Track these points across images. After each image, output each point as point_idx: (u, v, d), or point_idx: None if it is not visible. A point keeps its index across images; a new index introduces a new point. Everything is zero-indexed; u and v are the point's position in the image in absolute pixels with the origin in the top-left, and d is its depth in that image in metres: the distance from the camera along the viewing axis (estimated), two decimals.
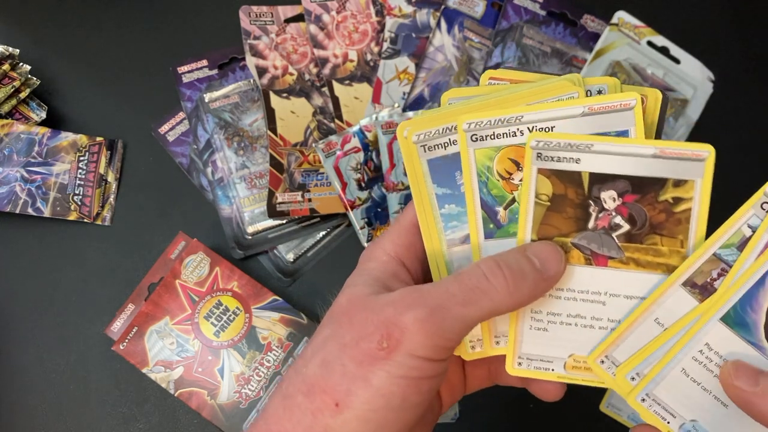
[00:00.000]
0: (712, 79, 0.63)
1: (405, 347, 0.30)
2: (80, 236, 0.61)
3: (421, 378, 0.30)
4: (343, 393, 0.30)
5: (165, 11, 0.66)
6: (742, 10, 0.67)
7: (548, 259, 0.33)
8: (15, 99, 0.60)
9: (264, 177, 0.60)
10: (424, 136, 0.35)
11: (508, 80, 0.37)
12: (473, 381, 0.39)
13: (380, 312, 0.31)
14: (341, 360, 0.30)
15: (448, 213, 0.35)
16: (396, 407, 0.30)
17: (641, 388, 0.33)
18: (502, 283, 0.31)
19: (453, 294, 0.31)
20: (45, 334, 0.59)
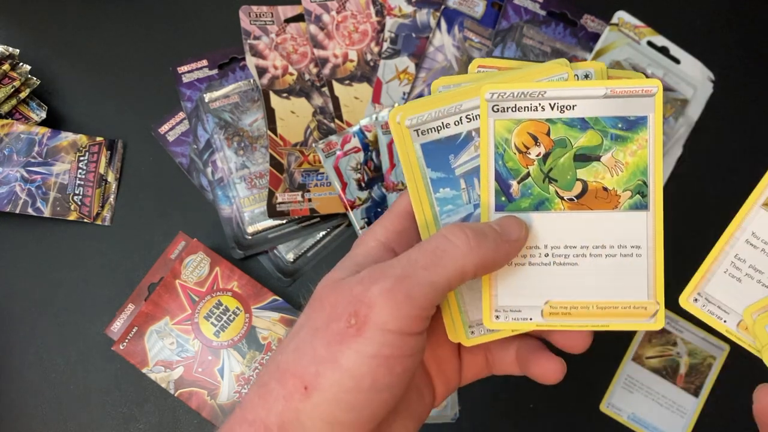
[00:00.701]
0: (712, 79, 0.63)
1: (374, 322, 0.29)
2: (80, 236, 0.61)
3: (392, 356, 0.29)
4: (312, 375, 0.29)
5: (165, 11, 0.66)
6: (742, 10, 0.67)
7: (509, 225, 0.33)
8: (15, 99, 0.60)
9: (264, 177, 0.60)
10: (417, 120, 0.35)
11: (497, 68, 0.37)
12: (470, 369, 0.38)
13: (348, 292, 0.30)
14: (312, 343, 0.30)
15: (443, 197, 0.35)
16: (366, 388, 0.29)
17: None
18: (462, 239, 0.31)
19: (415, 260, 0.31)
20: (45, 334, 0.59)
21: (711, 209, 0.55)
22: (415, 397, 0.36)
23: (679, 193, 0.59)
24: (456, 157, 0.35)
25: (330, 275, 0.33)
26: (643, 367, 0.59)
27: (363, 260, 0.34)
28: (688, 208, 0.59)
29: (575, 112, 0.34)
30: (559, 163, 0.34)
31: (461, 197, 0.35)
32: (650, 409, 0.58)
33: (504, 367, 0.38)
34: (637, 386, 0.59)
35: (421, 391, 0.36)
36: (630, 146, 0.34)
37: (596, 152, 0.34)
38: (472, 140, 0.35)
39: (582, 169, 0.34)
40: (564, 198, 0.35)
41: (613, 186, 0.34)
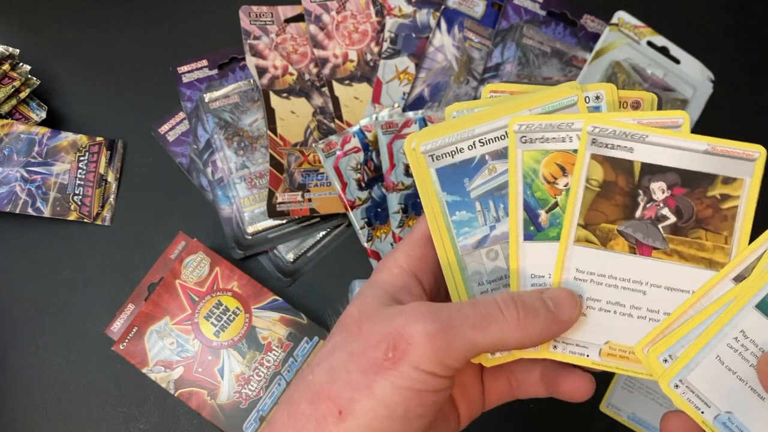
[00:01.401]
0: (712, 79, 0.63)
1: (410, 359, 0.30)
2: (80, 236, 0.61)
3: (425, 391, 0.30)
4: (347, 401, 0.30)
5: (165, 11, 0.66)
6: (742, 10, 0.67)
7: (563, 304, 0.33)
8: (15, 99, 0.60)
9: (264, 177, 0.60)
10: (431, 145, 0.36)
11: (509, 92, 0.38)
12: (493, 394, 0.39)
13: (389, 322, 0.31)
14: (347, 368, 0.30)
15: (459, 219, 0.36)
16: (399, 417, 0.30)
17: (674, 373, 0.33)
18: (513, 315, 0.31)
19: (465, 316, 0.31)
20: (45, 334, 0.59)
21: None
22: (440, 421, 0.36)
23: None
24: (471, 180, 0.36)
25: (365, 301, 0.33)
26: None
27: (391, 288, 0.34)
28: None
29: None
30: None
31: (477, 219, 0.36)
32: (650, 409, 0.58)
33: (529, 389, 0.38)
34: (637, 386, 0.59)
35: (446, 416, 0.37)
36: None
37: None
38: (486, 164, 0.36)
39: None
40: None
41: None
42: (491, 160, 0.36)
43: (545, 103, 0.35)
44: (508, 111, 0.36)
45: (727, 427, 0.32)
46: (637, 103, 0.37)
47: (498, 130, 0.36)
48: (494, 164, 0.36)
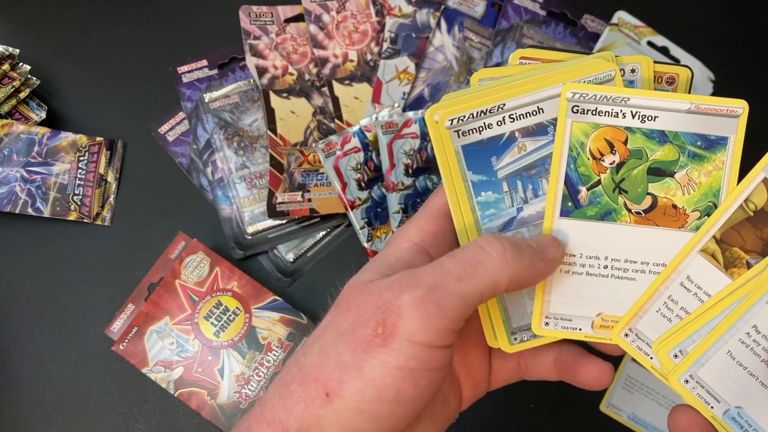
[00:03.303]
0: (712, 79, 0.63)
1: (402, 332, 0.28)
2: (80, 236, 0.61)
3: (418, 369, 0.29)
4: (335, 382, 0.29)
5: (165, 11, 0.66)
6: (742, 10, 0.67)
7: (546, 243, 0.32)
8: (15, 99, 0.60)
9: (264, 177, 0.60)
10: (458, 120, 0.33)
11: (539, 59, 0.36)
12: (500, 374, 0.37)
13: (377, 297, 0.30)
14: (337, 348, 0.29)
15: (485, 201, 0.34)
16: (389, 399, 0.28)
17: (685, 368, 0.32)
18: (499, 251, 0.30)
19: (448, 270, 0.30)
20: (45, 334, 0.59)
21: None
22: (439, 403, 0.35)
23: None
24: (499, 159, 0.34)
25: (359, 276, 0.32)
26: (643, 367, 0.59)
27: (394, 262, 0.33)
28: None
29: (656, 124, 0.33)
30: (632, 174, 0.34)
31: (504, 201, 0.34)
32: (650, 409, 0.58)
33: (539, 373, 0.37)
34: (637, 386, 0.59)
35: (446, 398, 0.35)
36: (706, 166, 0.33)
37: (671, 167, 0.33)
38: (515, 141, 0.34)
39: (654, 183, 0.34)
40: (632, 211, 0.34)
41: (683, 204, 0.33)
42: (521, 138, 0.34)
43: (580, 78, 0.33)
44: (539, 83, 0.34)
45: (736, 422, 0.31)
46: (672, 79, 0.35)
47: (530, 105, 0.33)
48: (524, 142, 0.34)
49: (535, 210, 0.34)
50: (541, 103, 0.33)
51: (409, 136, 0.59)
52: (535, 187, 0.34)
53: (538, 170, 0.34)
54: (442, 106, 0.34)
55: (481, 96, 0.34)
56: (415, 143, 0.59)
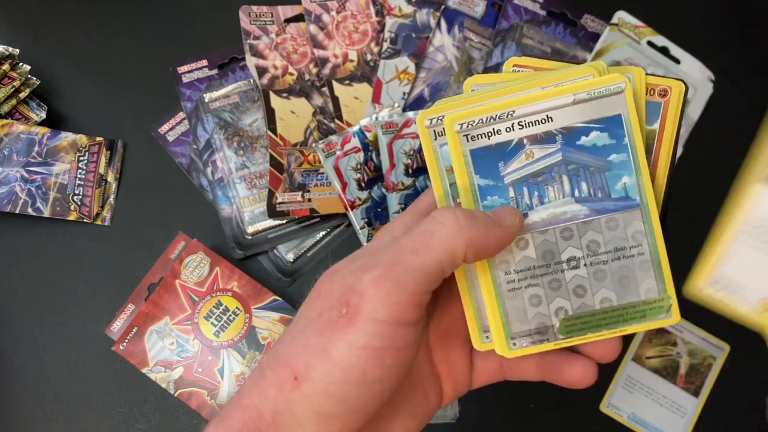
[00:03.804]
0: (712, 79, 0.63)
1: (365, 311, 0.29)
2: (80, 236, 0.61)
3: (383, 348, 0.29)
4: (303, 366, 0.29)
5: (165, 11, 0.66)
6: (742, 10, 0.67)
7: (502, 212, 0.33)
8: (15, 99, 0.60)
9: (264, 177, 0.60)
10: (467, 125, 0.34)
11: (532, 67, 0.37)
12: (482, 374, 0.37)
13: (341, 281, 0.30)
14: (305, 333, 0.30)
15: (491, 205, 0.35)
16: (356, 380, 0.29)
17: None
18: (451, 219, 0.30)
19: (404, 245, 0.30)
20: (45, 334, 0.59)
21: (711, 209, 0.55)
22: (419, 397, 0.35)
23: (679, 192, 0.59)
24: (506, 165, 0.35)
25: (333, 266, 0.32)
26: (643, 367, 0.59)
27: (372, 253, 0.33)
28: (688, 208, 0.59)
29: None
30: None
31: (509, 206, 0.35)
32: (650, 409, 0.58)
33: (521, 373, 0.37)
34: (637, 386, 0.59)
35: (426, 392, 0.36)
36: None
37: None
38: (523, 148, 0.34)
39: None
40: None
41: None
42: (529, 145, 0.34)
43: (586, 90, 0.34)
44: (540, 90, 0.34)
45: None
46: (664, 91, 0.36)
47: (539, 113, 0.34)
48: (532, 149, 0.34)
49: (540, 217, 0.34)
50: (550, 111, 0.34)
51: (409, 136, 0.59)
52: (541, 194, 0.34)
53: (545, 178, 0.34)
54: (432, 111, 0.35)
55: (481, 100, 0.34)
56: (415, 143, 0.59)
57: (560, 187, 0.34)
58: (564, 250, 0.34)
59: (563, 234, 0.34)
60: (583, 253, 0.34)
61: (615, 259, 0.34)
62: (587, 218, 0.34)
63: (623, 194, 0.34)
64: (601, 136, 0.34)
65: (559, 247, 0.34)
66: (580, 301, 0.34)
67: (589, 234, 0.34)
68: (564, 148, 0.34)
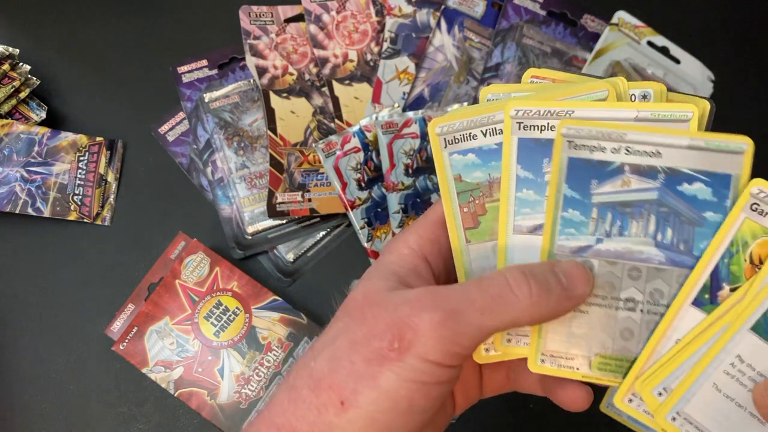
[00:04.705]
0: (712, 79, 0.63)
1: (416, 350, 0.29)
2: (80, 236, 0.61)
3: (430, 383, 0.29)
4: (350, 391, 0.29)
5: (165, 11, 0.66)
6: (742, 10, 0.67)
7: (576, 278, 0.32)
8: (15, 99, 0.60)
9: (264, 177, 0.60)
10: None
11: (551, 79, 0.36)
12: (490, 385, 0.38)
13: (394, 310, 0.30)
14: (350, 357, 0.30)
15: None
16: (403, 411, 0.29)
17: (671, 405, 0.31)
18: (526, 294, 0.30)
19: (473, 300, 0.30)
20: (45, 334, 0.59)
21: None
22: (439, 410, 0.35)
23: None
24: (600, 184, 0.33)
25: (370, 284, 0.32)
26: None
27: (400, 270, 0.33)
28: None
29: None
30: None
31: (588, 225, 0.33)
32: None
33: (527, 387, 0.37)
34: None
35: (444, 406, 0.36)
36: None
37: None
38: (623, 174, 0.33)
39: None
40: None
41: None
42: (629, 173, 0.33)
43: (705, 138, 0.32)
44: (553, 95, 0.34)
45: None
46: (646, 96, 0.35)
47: (650, 145, 0.33)
48: (631, 178, 0.33)
49: (614, 247, 0.33)
50: (661, 147, 0.33)
51: (409, 136, 0.59)
52: (624, 225, 0.33)
53: (633, 211, 0.33)
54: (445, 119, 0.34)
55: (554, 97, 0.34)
56: (415, 143, 0.59)
57: (645, 225, 0.33)
58: (626, 288, 0.33)
59: (631, 273, 0.33)
60: (644, 299, 0.33)
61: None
62: (660, 266, 0.32)
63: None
64: (704, 190, 0.32)
65: (623, 284, 0.33)
66: (622, 344, 0.33)
67: (657, 282, 0.32)
68: (662, 189, 0.32)
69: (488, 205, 0.35)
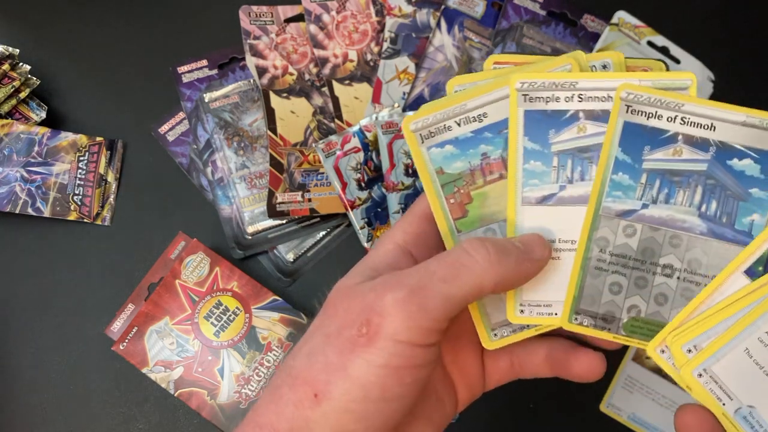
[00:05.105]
0: (712, 79, 0.63)
1: (385, 332, 0.29)
2: (80, 236, 0.61)
3: (402, 367, 0.29)
4: (323, 383, 0.29)
5: (165, 11, 0.66)
6: (742, 10, 0.67)
7: (533, 243, 0.32)
8: (15, 99, 0.60)
9: (264, 177, 0.60)
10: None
11: (513, 63, 0.36)
12: (494, 375, 0.37)
13: (362, 298, 0.30)
14: (324, 350, 0.30)
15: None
16: (375, 398, 0.29)
17: (699, 362, 0.31)
18: (483, 255, 0.30)
19: (433, 271, 0.30)
20: (45, 334, 0.59)
21: None
22: (434, 404, 0.35)
23: None
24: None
25: (345, 280, 0.32)
26: (643, 367, 0.59)
27: (379, 264, 0.33)
28: None
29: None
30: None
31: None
32: (650, 409, 0.58)
33: (532, 370, 0.37)
34: (637, 386, 0.59)
35: (441, 398, 0.36)
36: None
37: None
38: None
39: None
40: None
41: None
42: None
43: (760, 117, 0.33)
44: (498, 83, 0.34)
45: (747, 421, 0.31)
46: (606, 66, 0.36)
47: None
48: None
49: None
50: (716, 121, 0.33)
51: None
52: (671, 193, 0.34)
53: (681, 180, 0.34)
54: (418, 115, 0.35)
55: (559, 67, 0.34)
56: None
57: (691, 195, 0.33)
58: (666, 254, 0.33)
59: (672, 240, 0.33)
60: (682, 266, 0.33)
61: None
62: (702, 236, 0.33)
63: (747, 230, 0.33)
64: (753, 166, 0.33)
65: (663, 250, 0.33)
66: (656, 308, 0.33)
67: (696, 251, 0.33)
68: (713, 162, 0.33)
69: (473, 193, 0.35)
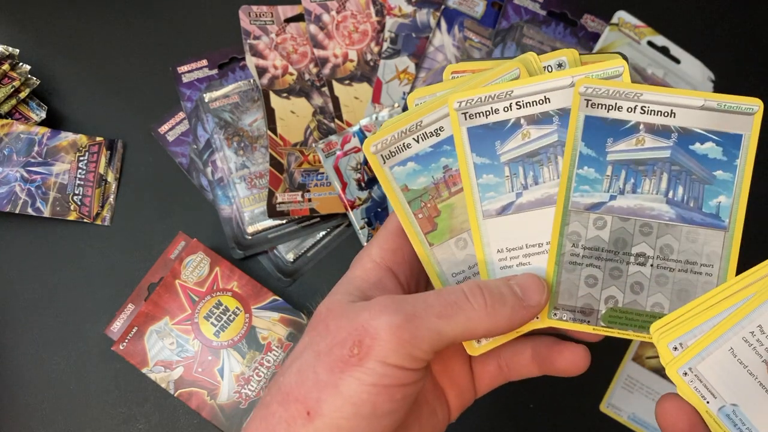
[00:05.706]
0: (712, 79, 0.63)
1: (376, 354, 0.29)
2: (80, 236, 0.61)
3: (392, 386, 0.30)
4: (314, 401, 0.29)
5: (165, 11, 0.66)
6: (742, 10, 0.67)
7: (530, 289, 0.33)
8: (15, 99, 0.60)
9: (264, 177, 0.60)
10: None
11: (470, 71, 0.37)
12: (483, 380, 0.38)
13: (354, 318, 0.30)
14: (314, 368, 0.30)
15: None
16: (367, 415, 0.29)
17: (685, 360, 0.32)
18: (480, 302, 0.31)
19: (430, 305, 0.31)
20: (45, 334, 0.59)
21: None
22: (426, 415, 0.35)
23: None
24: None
25: (333, 298, 0.33)
26: (643, 367, 0.59)
27: (362, 283, 0.34)
28: None
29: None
30: None
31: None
32: (650, 409, 0.58)
33: (520, 371, 0.37)
34: (637, 386, 0.59)
35: (432, 408, 0.36)
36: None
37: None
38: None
39: None
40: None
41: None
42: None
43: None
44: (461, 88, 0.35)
45: (730, 419, 0.31)
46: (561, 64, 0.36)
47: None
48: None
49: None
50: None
51: None
52: (637, 183, 0.34)
53: (646, 169, 0.34)
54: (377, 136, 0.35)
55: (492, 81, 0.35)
56: None
57: (657, 182, 0.34)
58: (637, 243, 0.34)
59: (642, 229, 0.34)
60: (654, 254, 0.34)
61: (682, 271, 0.34)
62: (671, 222, 0.34)
63: (714, 212, 0.34)
64: (715, 149, 0.33)
65: (634, 239, 0.34)
66: (633, 297, 0.34)
67: (667, 238, 0.34)
68: (675, 148, 0.34)
69: (440, 205, 0.36)
